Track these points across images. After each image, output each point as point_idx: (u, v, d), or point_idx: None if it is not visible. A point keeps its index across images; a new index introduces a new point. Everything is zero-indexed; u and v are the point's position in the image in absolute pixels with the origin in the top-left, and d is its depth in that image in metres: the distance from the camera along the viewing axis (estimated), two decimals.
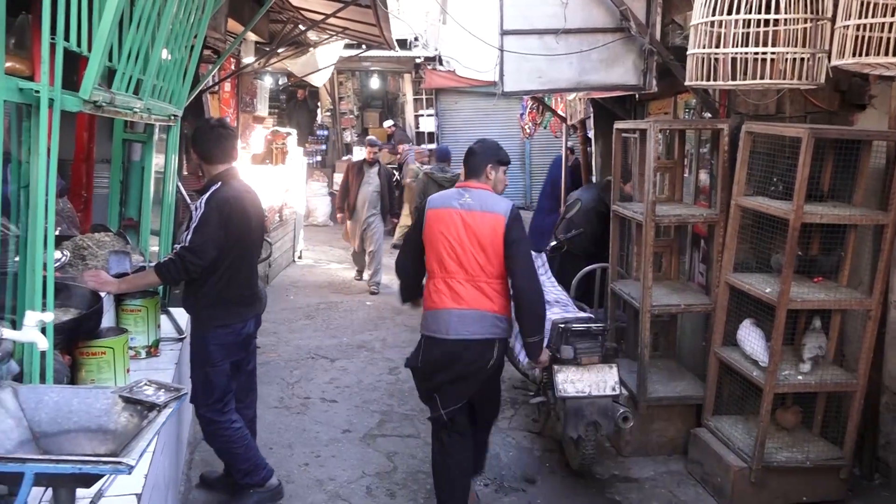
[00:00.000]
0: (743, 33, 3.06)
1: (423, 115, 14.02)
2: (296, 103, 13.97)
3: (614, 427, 3.98)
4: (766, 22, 3.04)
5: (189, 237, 3.21)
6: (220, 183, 3.36)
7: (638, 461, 4.35)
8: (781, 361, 3.72)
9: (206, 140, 3.43)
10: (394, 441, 4.54)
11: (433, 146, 13.42)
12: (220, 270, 3.32)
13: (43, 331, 2.03)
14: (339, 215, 9.28)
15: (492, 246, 3.14)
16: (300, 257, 10.35)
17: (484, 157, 3.37)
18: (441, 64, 13.42)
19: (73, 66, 2.70)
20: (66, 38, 2.34)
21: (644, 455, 4.40)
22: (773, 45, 3.06)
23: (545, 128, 11.71)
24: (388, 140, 14.30)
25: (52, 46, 2.26)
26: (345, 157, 12.52)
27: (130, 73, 2.91)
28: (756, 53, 2.95)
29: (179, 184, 5.41)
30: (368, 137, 10.52)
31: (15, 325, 2.36)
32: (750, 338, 3.90)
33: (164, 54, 3.37)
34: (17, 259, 2.50)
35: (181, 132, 4.50)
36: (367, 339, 6.62)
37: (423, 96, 14.00)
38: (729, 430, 4.03)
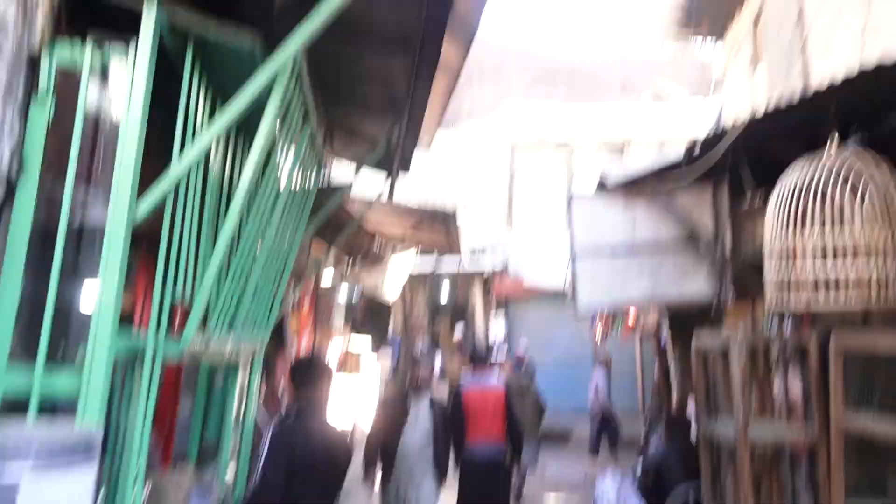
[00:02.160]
0: (821, 248, 3.04)
1: (493, 323, 14.18)
2: (368, 312, 14.43)
3: None
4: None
5: (259, 473, 3.18)
6: (295, 413, 3.39)
7: None
8: None
9: (298, 371, 3.57)
10: None
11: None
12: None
13: None
14: (369, 480, 5.76)
15: (499, 407, 5.56)
16: None
17: (488, 356, 5.98)
18: (510, 272, 13.82)
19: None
20: (174, 291, 2.54)
21: None
22: (854, 255, 3.01)
23: (617, 334, 11.63)
24: (459, 349, 14.40)
25: (161, 301, 2.46)
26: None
27: (225, 313, 3.09)
28: (837, 277, 2.90)
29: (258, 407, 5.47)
30: (418, 349, 8.43)
31: None
32: None
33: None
34: (101, 493, 2.52)
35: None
36: None
37: (493, 304, 14.26)
38: None
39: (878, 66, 2.76)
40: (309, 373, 3.51)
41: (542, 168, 14.71)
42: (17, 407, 2.18)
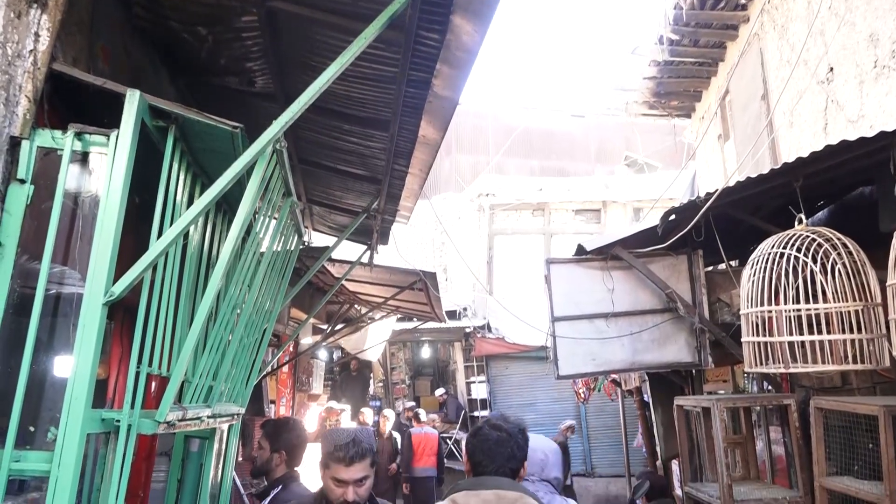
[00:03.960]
0: (794, 316, 3.10)
1: (474, 382, 14.06)
2: (348, 375, 14.27)
3: None
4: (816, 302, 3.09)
5: None
6: (280, 487, 3.31)
7: None
8: None
9: (276, 432, 3.46)
10: None
11: (486, 412, 13.29)
12: None
13: None
14: None
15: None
16: None
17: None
18: (490, 331, 13.79)
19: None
20: (150, 364, 2.51)
21: None
22: (826, 323, 3.08)
23: (599, 391, 11.60)
24: (441, 408, 14.23)
25: (136, 374, 2.43)
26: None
27: (202, 385, 3.05)
28: (812, 341, 2.95)
29: (234, 474, 5.35)
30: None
31: None
32: None
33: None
34: None
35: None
36: None
37: (474, 363, 14.17)
38: None
39: (844, 142, 2.88)
40: (287, 436, 3.44)
41: (520, 230, 14.89)
42: None
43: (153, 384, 3.62)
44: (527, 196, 14.74)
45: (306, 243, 4.65)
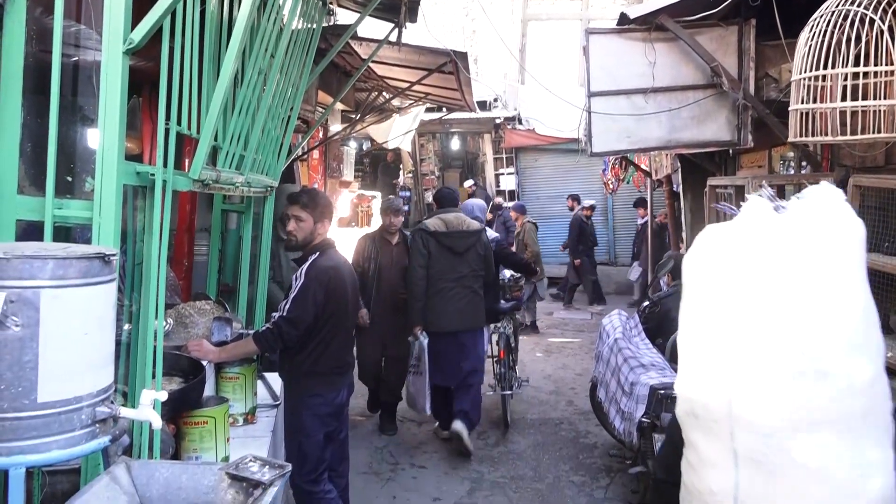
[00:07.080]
0: (851, 85, 2.92)
1: (503, 174, 14.12)
2: (384, 166, 14.38)
3: None
4: (871, 72, 2.89)
5: (287, 306, 3.27)
6: (318, 253, 3.43)
7: None
8: None
9: (322, 203, 3.53)
10: None
11: (512, 203, 13.50)
12: (316, 339, 3.35)
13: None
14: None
15: None
16: None
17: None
18: (520, 123, 13.55)
19: (178, 145, 2.87)
20: (178, 123, 2.48)
21: None
22: (885, 95, 2.90)
23: (628, 182, 11.59)
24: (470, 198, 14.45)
25: (166, 131, 2.41)
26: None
27: (233, 152, 3.05)
28: (865, 107, 2.79)
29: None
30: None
31: (126, 396, 2.45)
32: None
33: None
34: (126, 328, 2.62)
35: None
36: None
37: (504, 155, 14.12)
38: None
39: None
40: (324, 203, 3.53)
41: (555, 15, 14.02)
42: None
43: (187, 160, 3.64)
44: None
45: (331, 13, 4.39)
